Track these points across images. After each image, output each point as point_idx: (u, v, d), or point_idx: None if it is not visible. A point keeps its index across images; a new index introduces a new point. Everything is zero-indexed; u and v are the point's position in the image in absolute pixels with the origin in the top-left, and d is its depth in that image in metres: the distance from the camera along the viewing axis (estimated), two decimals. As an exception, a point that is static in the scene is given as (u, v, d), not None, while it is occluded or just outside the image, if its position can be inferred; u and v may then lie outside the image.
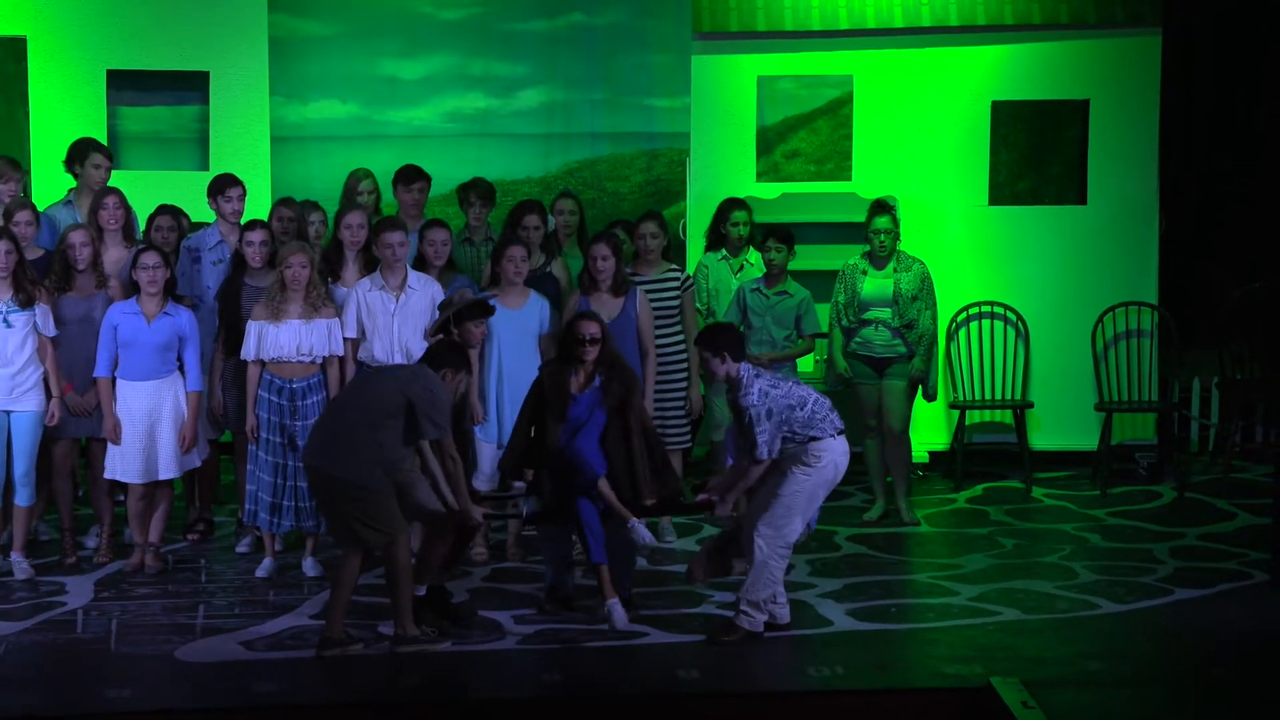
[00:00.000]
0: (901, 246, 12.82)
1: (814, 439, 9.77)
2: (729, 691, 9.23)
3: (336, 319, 11.19)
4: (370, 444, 9.53)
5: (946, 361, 14.32)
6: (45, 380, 11.08)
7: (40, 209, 12.10)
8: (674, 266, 12.15)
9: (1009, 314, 14.45)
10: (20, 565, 11.11)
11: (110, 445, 11.17)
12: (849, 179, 14.48)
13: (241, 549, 11.67)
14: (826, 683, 9.26)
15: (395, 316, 11.28)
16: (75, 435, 11.47)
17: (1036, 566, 11.50)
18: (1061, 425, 14.48)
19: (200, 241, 11.93)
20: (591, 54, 15.36)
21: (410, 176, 12.59)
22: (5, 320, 10.91)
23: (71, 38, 14.31)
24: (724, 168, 14.48)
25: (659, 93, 15.41)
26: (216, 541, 11.98)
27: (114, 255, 11.70)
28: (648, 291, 11.80)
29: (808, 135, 14.58)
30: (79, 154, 12.33)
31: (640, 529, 10.17)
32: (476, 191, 12.70)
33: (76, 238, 11.34)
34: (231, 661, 9.55)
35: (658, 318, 11.78)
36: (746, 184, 14.40)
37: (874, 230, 12.48)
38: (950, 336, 14.30)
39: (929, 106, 14.48)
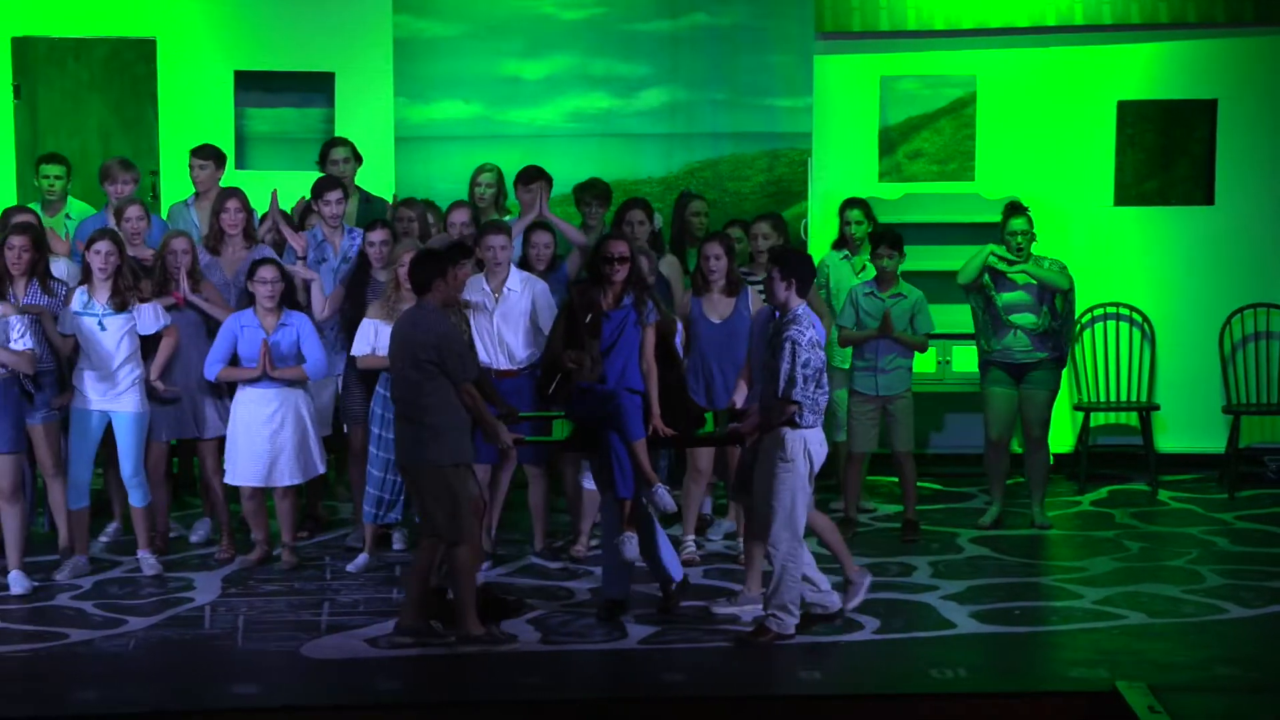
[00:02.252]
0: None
1: (796, 425, 9.69)
2: (850, 693, 9.19)
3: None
4: (422, 419, 9.59)
5: (1071, 363, 14.21)
6: (144, 381, 11.17)
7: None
8: None
9: (1135, 315, 14.31)
10: (147, 561, 11.22)
11: (230, 450, 11.28)
12: (972, 179, 14.40)
13: (352, 542, 11.73)
14: (949, 685, 9.20)
15: (495, 316, 11.31)
16: (168, 438, 11.57)
17: (1163, 570, 11.38)
18: (1188, 428, 14.33)
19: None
20: (713, 54, 15.30)
21: (530, 176, 12.61)
22: (100, 323, 10.99)
23: (200, 40, 14.47)
24: (846, 168, 14.44)
25: (781, 93, 15.32)
26: (340, 539, 12.05)
27: (233, 256, 11.79)
28: (760, 291, 11.78)
29: (931, 135, 14.51)
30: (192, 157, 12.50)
31: (662, 494, 10.16)
32: (593, 192, 12.73)
33: (178, 244, 11.43)
34: (355, 659, 9.61)
35: None
36: (869, 184, 14.34)
37: (1010, 232, 12.27)
38: (1075, 338, 14.18)
39: (1053, 106, 14.38)
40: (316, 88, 14.71)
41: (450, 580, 9.80)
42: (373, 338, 11.12)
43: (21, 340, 10.56)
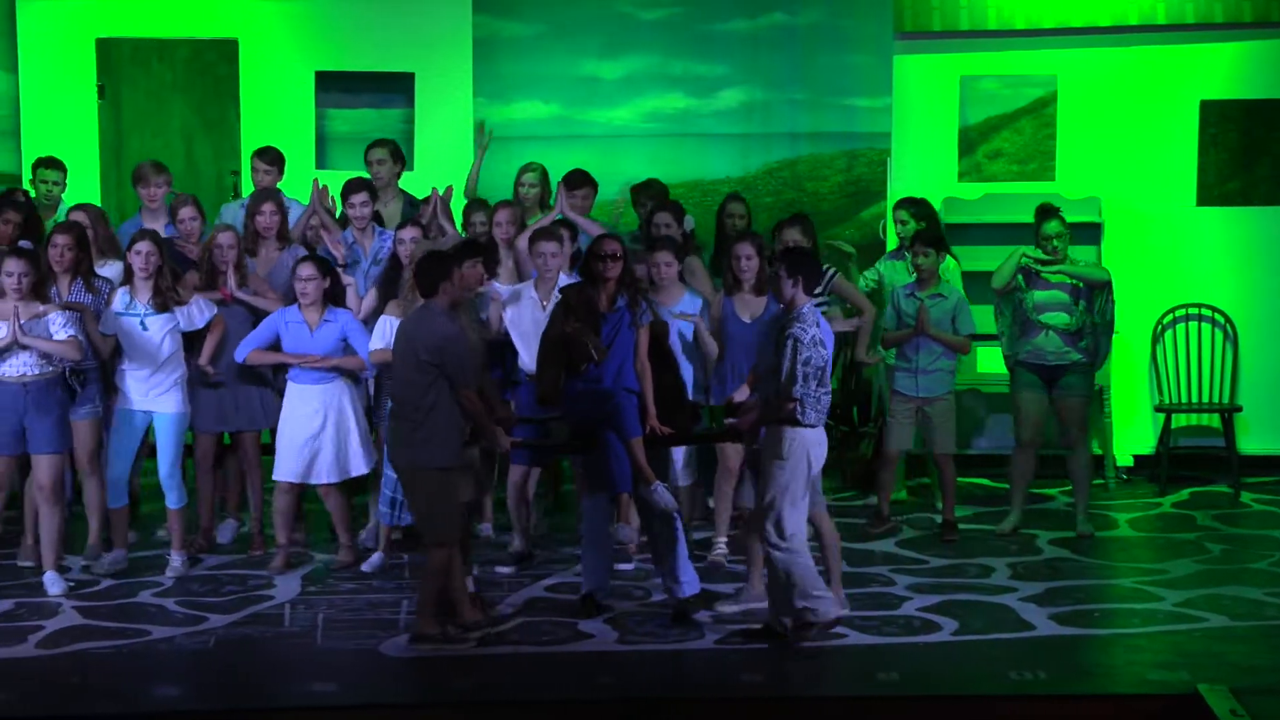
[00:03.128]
0: (1105, 248, 12.63)
1: (796, 423, 9.66)
2: (927, 695, 9.16)
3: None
4: (419, 419, 9.61)
5: (1152, 364, 14.12)
6: (186, 380, 11.21)
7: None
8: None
9: (1217, 316, 14.21)
10: (176, 562, 11.23)
11: (279, 447, 11.31)
12: (1052, 179, 14.34)
13: (367, 542, 11.77)
14: (1027, 688, 9.16)
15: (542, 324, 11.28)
16: (215, 430, 11.63)
17: (1245, 573, 11.30)
18: (1271, 429, 14.22)
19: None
20: (792, 54, 15.28)
21: (573, 182, 12.54)
22: (142, 323, 11.03)
23: (281, 40, 14.55)
24: (925, 168, 14.40)
25: (860, 92, 15.29)
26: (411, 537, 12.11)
27: (269, 258, 11.85)
28: None
29: (1011, 135, 14.45)
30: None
31: (662, 492, 10.15)
32: (649, 192, 12.72)
33: (224, 239, 11.50)
34: (433, 657, 9.64)
35: None
36: (948, 184, 14.30)
37: (1045, 236, 12.12)
38: (1156, 339, 14.10)
39: (1135, 106, 14.30)
40: (396, 88, 14.77)
41: (422, 579, 9.83)
42: (388, 333, 11.08)
43: (65, 330, 10.63)
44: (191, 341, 11.29)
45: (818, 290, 11.73)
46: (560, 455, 11.00)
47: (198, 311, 11.20)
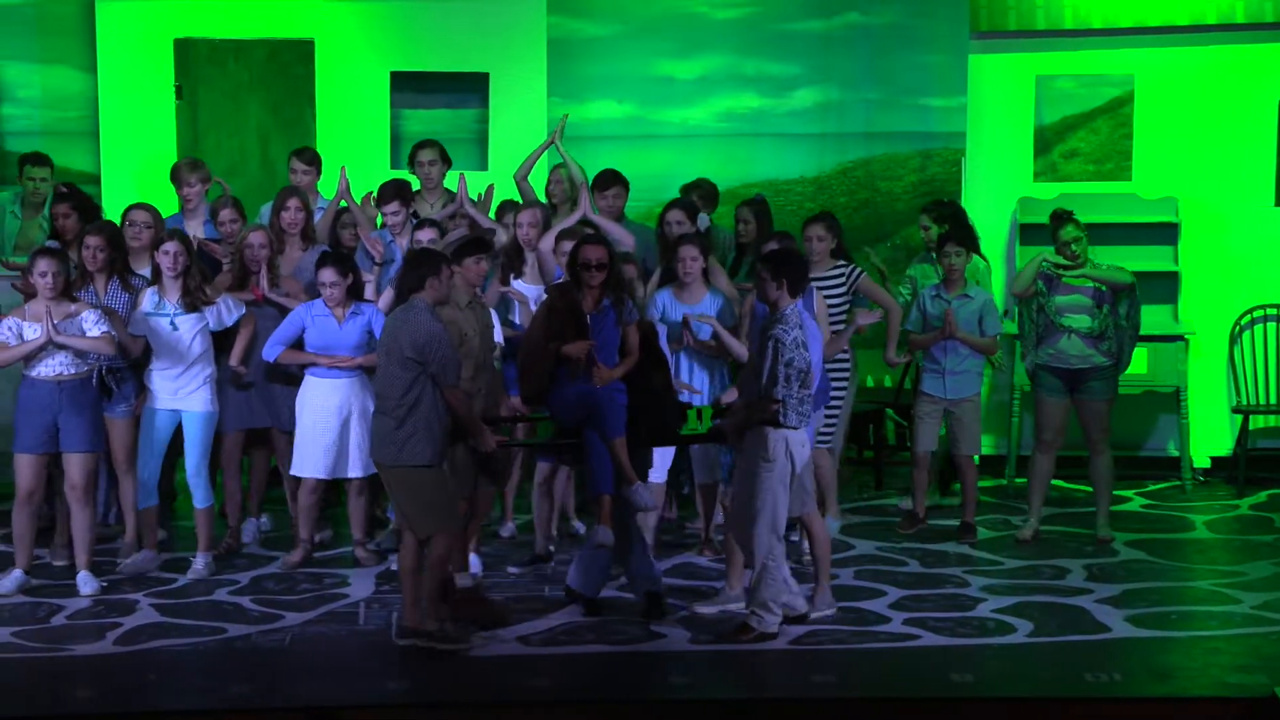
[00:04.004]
0: (1183, 248, 12.54)
1: (778, 425, 9.65)
2: (1002, 696, 9.13)
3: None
4: (401, 416, 9.61)
5: (1230, 365, 14.02)
6: (215, 380, 11.23)
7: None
8: (840, 263, 11.96)
9: (1295, 317, 14.12)
10: (196, 566, 11.24)
11: (299, 444, 11.32)
12: (1129, 179, 14.25)
13: (386, 544, 11.79)
14: (1103, 690, 9.12)
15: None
16: (242, 428, 11.64)
17: (1324, 576, 11.23)
18: (1352, 431, 14.13)
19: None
20: (866, 53, 15.25)
21: (603, 183, 12.50)
22: (172, 323, 11.05)
23: (357, 40, 14.60)
24: (1000, 168, 14.34)
25: (934, 92, 15.25)
26: (489, 536, 12.13)
27: (292, 256, 11.88)
28: (819, 289, 11.71)
29: (1087, 135, 14.37)
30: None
31: (642, 492, 10.13)
32: (699, 192, 12.69)
33: (255, 239, 11.54)
34: (507, 656, 9.66)
35: None
36: (1023, 184, 14.24)
37: (1063, 242, 11.97)
38: (1234, 340, 14.00)
39: (1213, 105, 14.20)
40: (471, 88, 14.80)
41: (427, 571, 9.79)
42: None
43: (98, 326, 10.68)
44: (219, 340, 11.32)
45: (842, 291, 11.76)
46: (546, 454, 10.96)
47: (226, 311, 11.22)
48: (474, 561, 10.97)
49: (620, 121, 15.30)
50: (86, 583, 10.80)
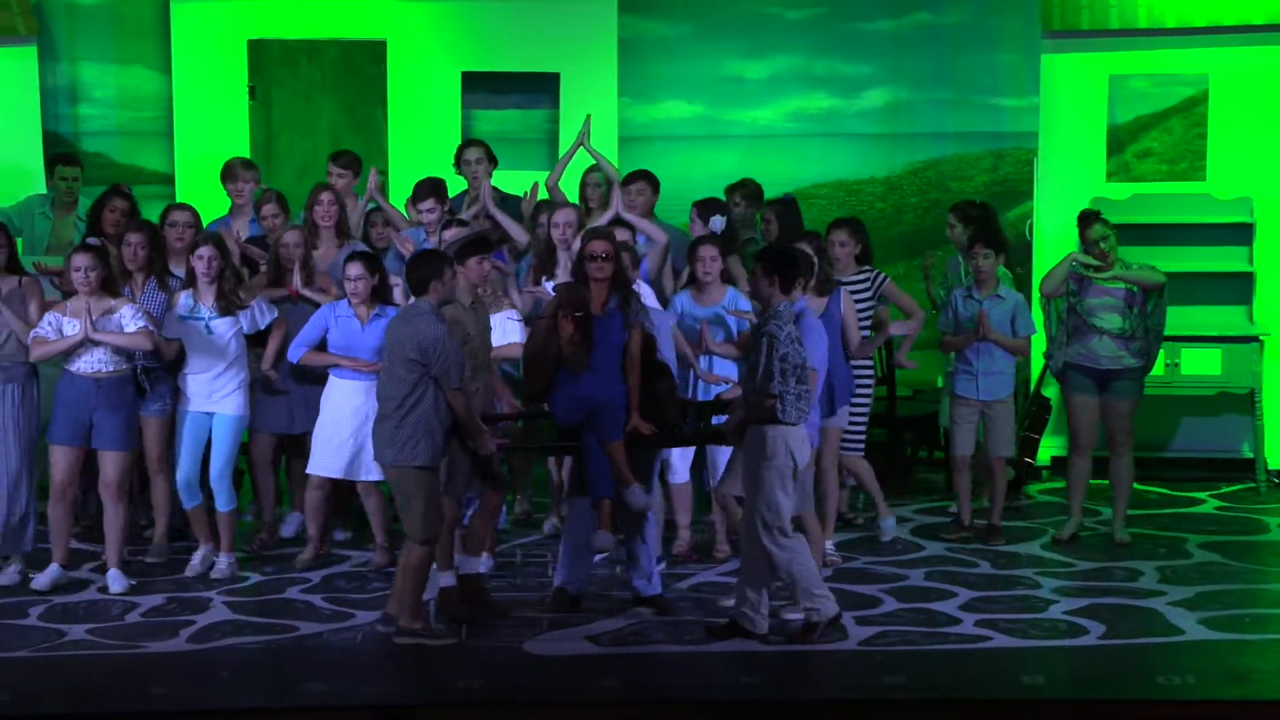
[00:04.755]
0: (1258, 248, 12.44)
1: (777, 421, 9.64)
2: (1074, 698, 9.10)
3: (513, 312, 11.30)
4: (403, 417, 9.65)
5: (1307, 368, 13.94)
6: (247, 383, 11.23)
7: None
8: (865, 268, 11.91)
9: (1371, 318, 13.99)
10: (219, 566, 11.23)
11: (316, 441, 11.30)
12: (1203, 179, 14.16)
13: None
14: (1176, 692, 9.07)
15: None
16: (274, 430, 11.64)
17: (1402, 578, 11.15)
18: None
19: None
20: (938, 53, 15.24)
21: (633, 179, 12.45)
22: (207, 327, 11.07)
23: (428, 41, 14.66)
24: (1072, 168, 14.27)
25: (1006, 92, 15.22)
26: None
27: (327, 253, 11.89)
28: (850, 292, 11.69)
29: (1160, 135, 14.29)
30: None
31: (639, 493, 10.12)
32: (743, 191, 12.66)
33: (290, 238, 11.55)
34: (577, 655, 9.68)
35: None
36: (1096, 184, 14.17)
37: (1092, 241, 11.89)
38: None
39: (1288, 105, 14.10)
40: (542, 88, 14.84)
41: (401, 573, 9.85)
42: None
43: (135, 322, 10.72)
44: (251, 341, 11.32)
45: (867, 296, 11.72)
46: (546, 454, 10.95)
47: (260, 314, 11.24)
48: (485, 561, 10.99)
49: (690, 121, 15.32)
50: (116, 580, 10.82)
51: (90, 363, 10.73)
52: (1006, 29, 15.13)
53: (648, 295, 11.21)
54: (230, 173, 12.62)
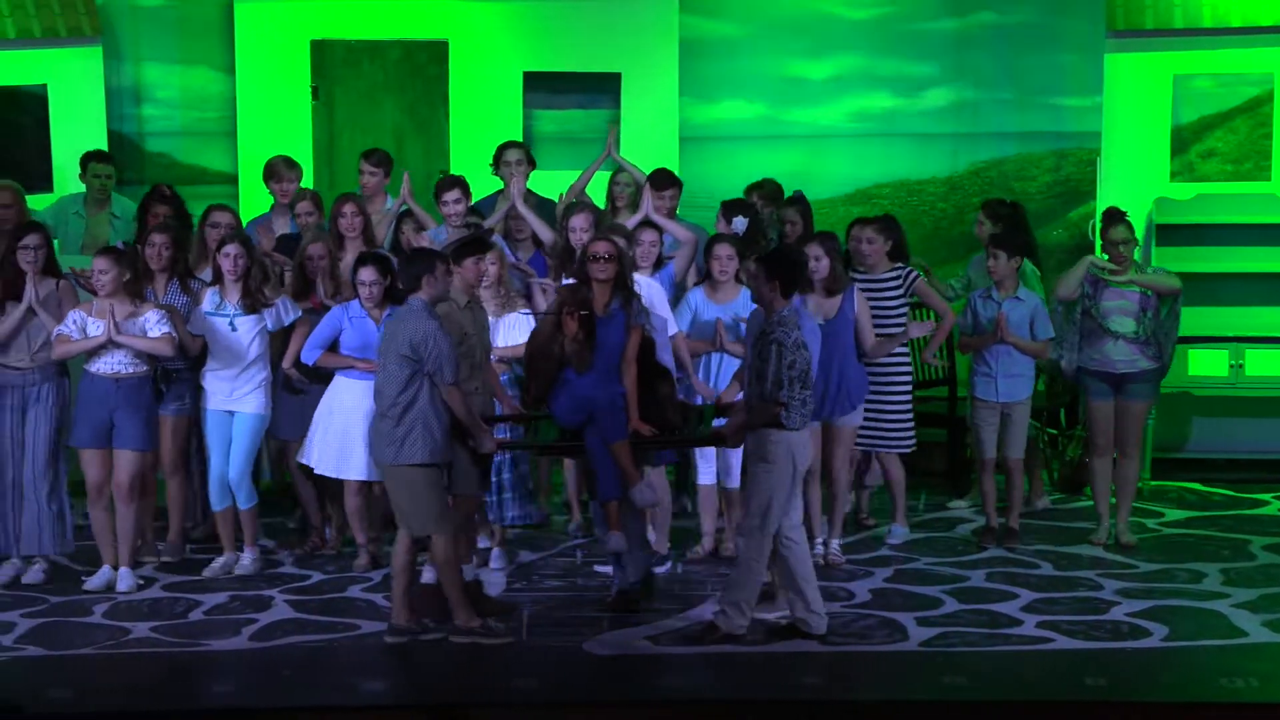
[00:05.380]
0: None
1: (781, 426, 9.61)
2: (1137, 700, 9.06)
3: (529, 314, 11.28)
4: (398, 415, 9.66)
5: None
6: (269, 383, 11.23)
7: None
8: (898, 266, 11.87)
9: None
10: (243, 562, 11.25)
11: (324, 439, 11.22)
12: (1268, 179, 14.09)
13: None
14: (1239, 694, 9.02)
15: None
16: (295, 436, 11.56)
17: None
18: None
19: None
20: (1001, 53, 15.18)
21: (659, 183, 12.40)
22: (231, 324, 11.09)
23: (490, 41, 14.69)
24: (1136, 168, 14.22)
25: (1070, 91, 15.15)
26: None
27: (349, 262, 11.80)
28: (869, 293, 11.64)
29: (1225, 134, 14.22)
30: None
31: (645, 490, 10.08)
32: (761, 192, 12.61)
33: (315, 250, 11.55)
34: (638, 655, 9.68)
35: (877, 318, 11.59)
36: (1159, 184, 14.11)
37: (1111, 241, 11.76)
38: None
39: (1356, 104, 14.02)
40: (603, 88, 14.85)
41: (440, 575, 9.88)
42: None
43: (159, 327, 10.76)
44: (275, 340, 11.34)
45: (899, 293, 11.68)
46: (545, 454, 10.95)
47: (284, 311, 11.24)
48: (494, 561, 11.19)
49: (751, 122, 15.30)
50: (125, 579, 10.86)
51: (110, 364, 10.78)
52: (1070, 28, 15.06)
53: (658, 299, 11.24)
54: (273, 171, 12.68)
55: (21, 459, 10.93)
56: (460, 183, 12.21)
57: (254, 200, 13.57)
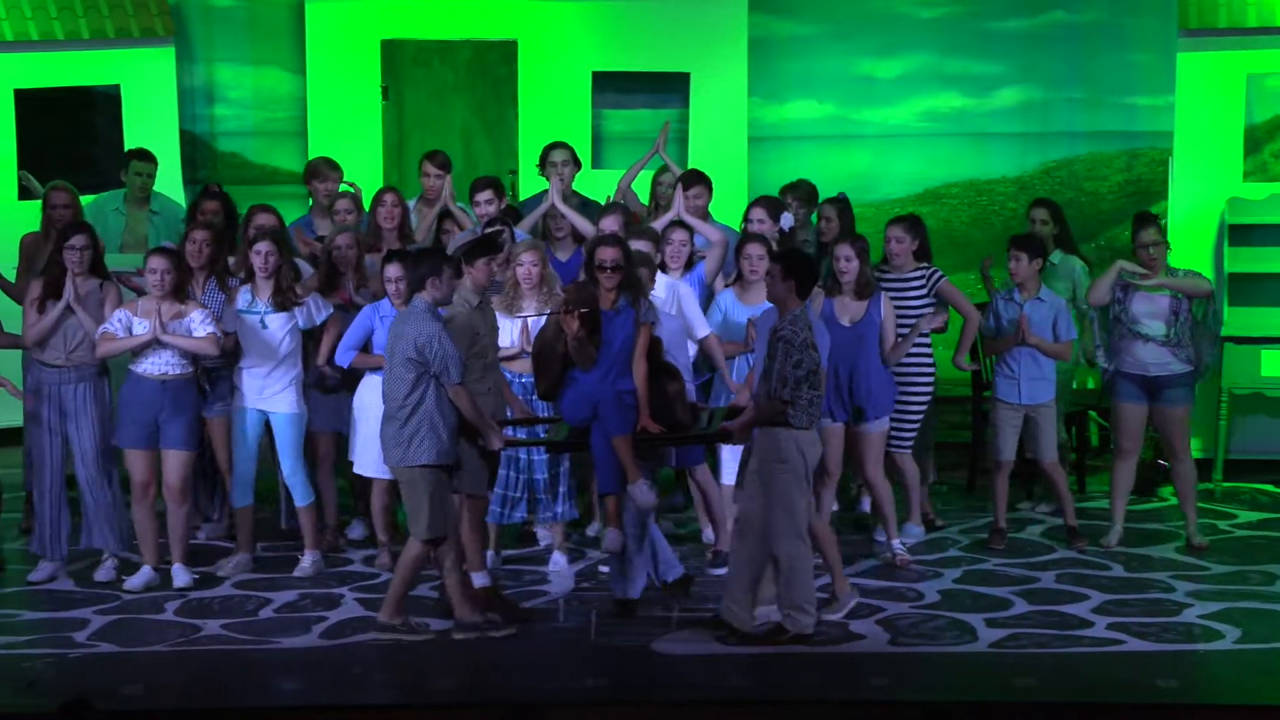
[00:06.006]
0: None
1: (789, 425, 9.61)
2: (1209, 703, 9.02)
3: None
4: (404, 417, 9.69)
5: None
6: (301, 380, 11.23)
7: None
8: (923, 265, 11.79)
9: None
10: (303, 565, 11.25)
11: (362, 441, 11.23)
12: (1343, 179, 13.98)
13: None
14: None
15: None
16: (332, 428, 11.60)
17: None
18: None
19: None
20: (1072, 52, 15.14)
21: (689, 181, 12.34)
22: (262, 321, 11.09)
23: (559, 41, 14.72)
24: (1208, 167, 14.10)
25: (1141, 91, 15.10)
26: (690, 536, 12.15)
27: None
28: (892, 291, 11.60)
29: (1299, 134, 14.12)
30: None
31: (643, 490, 10.04)
32: (796, 193, 12.56)
33: (342, 240, 11.57)
34: (705, 654, 9.67)
35: (900, 317, 11.54)
36: (1232, 184, 14.00)
37: (1141, 244, 11.68)
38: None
39: None
40: (671, 88, 14.86)
41: (397, 569, 9.93)
42: None
43: (204, 327, 10.80)
44: (306, 339, 11.35)
45: (923, 293, 11.62)
46: (557, 452, 10.95)
47: (315, 309, 11.25)
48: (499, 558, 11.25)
49: (820, 121, 15.30)
50: (180, 575, 10.91)
51: (157, 365, 10.83)
52: (1142, 27, 15.00)
53: (687, 301, 11.26)
54: (314, 171, 12.72)
55: (63, 458, 11.02)
56: (494, 183, 12.21)
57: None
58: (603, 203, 12.69)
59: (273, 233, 11.28)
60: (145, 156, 13.08)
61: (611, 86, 14.89)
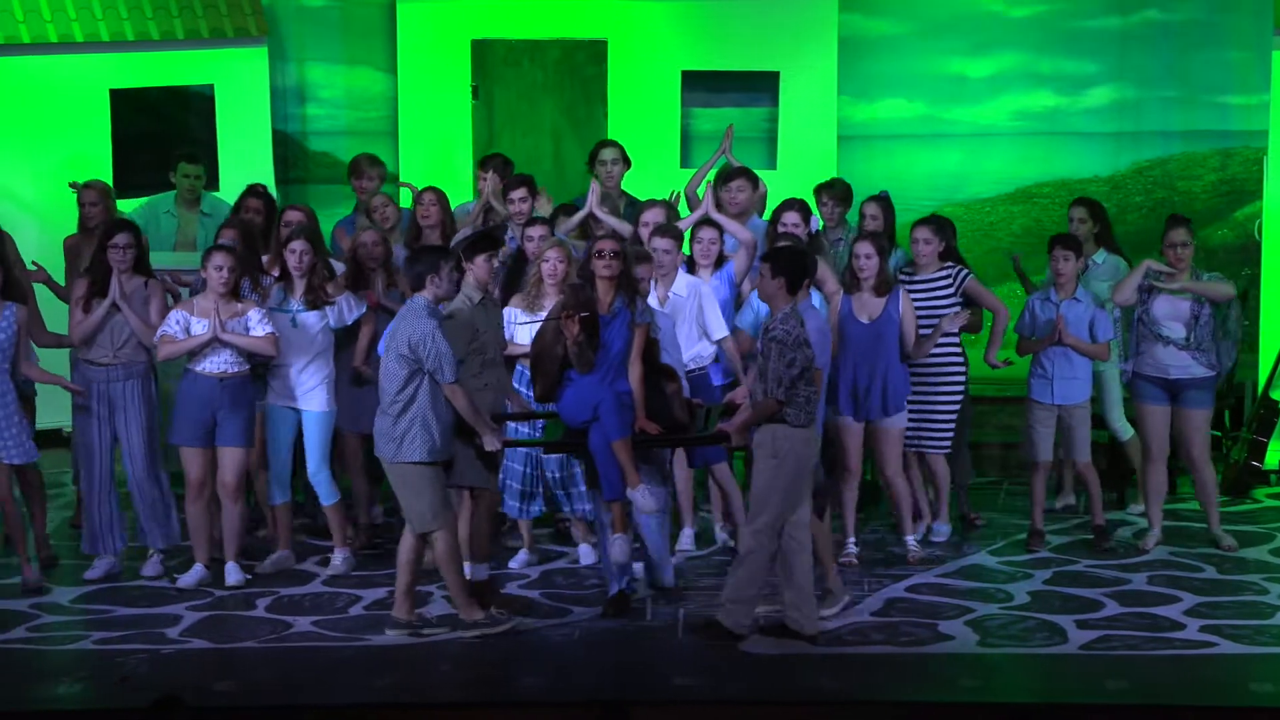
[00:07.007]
0: None
1: (784, 422, 9.55)
2: (1303, 708, 8.95)
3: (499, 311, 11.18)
4: (397, 413, 9.69)
5: None
6: (332, 379, 11.23)
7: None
8: (949, 265, 11.69)
9: None
10: (334, 563, 11.28)
11: None
12: None
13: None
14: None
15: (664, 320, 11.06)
16: (364, 430, 11.42)
17: None
18: None
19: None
20: (1164, 50, 15.05)
21: (729, 175, 12.21)
22: (294, 320, 11.10)
23: (649, 40, 14.73)
24: (1304, 166, 13.99)
25: (1235, 89, 14.98)
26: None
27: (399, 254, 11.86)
28: (918, 292, 11.52)
29: (1395, 132, 13.96)
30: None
31: (644, 494, 9.96)
32: (831, 192, 12.47)
33: (368, 237, 11.58)
34: (795, 655, 9.66)
35: (928, 317, 11.45)
36: (1327, 183, 13.88)
37: (1170, 244, 11.54)
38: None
39: None
40: (761, 87, 14.86)
41: (441, 570, 9.96)
42: (510, 327, 10.98)
43: (262, 326, 10.84)
44: (338, 339, 11.36)
45: (950, 293, 11.54)
46: (554, 453, 10.92)
47: (347, 308, 11.27)
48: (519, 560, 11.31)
49: (911, 120, 15.26)
50: (233, 573, 10.95)
51: (216, 363, 10.87)
52: (1237, 25, 14.89)
53: (709, 302, 11.23)
54: (356, 169, 12.78)
55: (113, 452, 11.10)
56: (527, 181, 12.19)
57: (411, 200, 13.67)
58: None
59: (306, 231, 11.33)
60: (192, 159, 13.19)
61: (701, 85, 14.90)
